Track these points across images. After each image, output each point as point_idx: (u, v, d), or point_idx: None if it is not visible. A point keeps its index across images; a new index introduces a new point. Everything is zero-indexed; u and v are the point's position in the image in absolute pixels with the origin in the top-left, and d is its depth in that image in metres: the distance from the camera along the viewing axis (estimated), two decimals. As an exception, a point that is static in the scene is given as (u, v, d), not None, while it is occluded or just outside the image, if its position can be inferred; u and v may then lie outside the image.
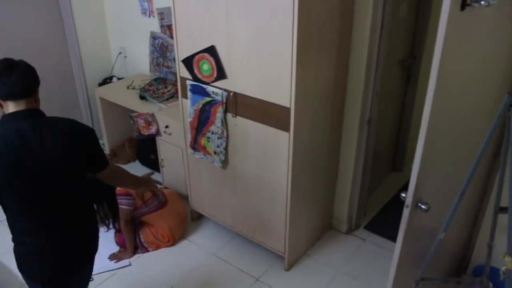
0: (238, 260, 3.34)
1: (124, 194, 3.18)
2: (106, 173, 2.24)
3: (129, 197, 3.19)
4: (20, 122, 1.97)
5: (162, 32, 4.13)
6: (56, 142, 1.98)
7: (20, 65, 2.04)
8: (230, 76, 2.79)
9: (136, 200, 3.22)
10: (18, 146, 1.93)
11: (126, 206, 3.20)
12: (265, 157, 2.86)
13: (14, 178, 1.96)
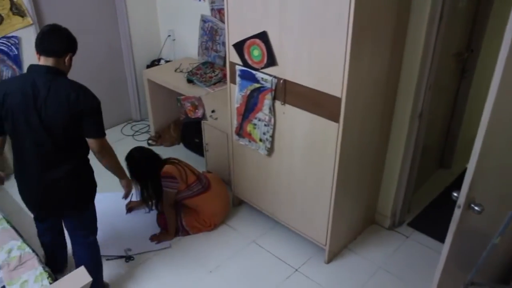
0: (277, 249, 3.32)
1: (169, 176, 3.20)
2: (96, 144, 2.50)
3: (174, 180, 3.20)
4: (39, 74, 2.36)
5: (212, 16, 4.11)
6: (57, 100, 2.32)
7: (61, 31, 2.46)
8: (281, 63, 2.75)
9: (180, 184, 3.24)
10: (29, 93, 2.32)
11: (170, 189, 3.22)
12: (312, 147, 2.81)
13: (20, 115, 2.35)
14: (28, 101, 2.32)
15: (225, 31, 3.94)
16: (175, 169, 3.23)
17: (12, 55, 3.99)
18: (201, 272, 3.15)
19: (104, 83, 4.76)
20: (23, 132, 2.39)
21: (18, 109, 2.34)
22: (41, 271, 2.43)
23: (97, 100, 2.49)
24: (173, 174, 3.21)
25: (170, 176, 3.20)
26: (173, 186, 3.21)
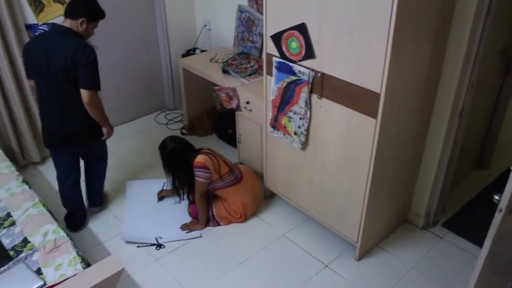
0: (308, 244, 3.29)
1: (202, 167, 3.20)
2: (86, 95, 2.87)
3: (207, 170, 3.20)
4: (54, 31, 2.95)
5: (249, 6, 4.08)
6: (60, 54, 2.81)
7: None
8: (319, 56, 2.70)
9: (212, 174, 3.24)
10: (44, 46, 2.87)
11: (203, 179, 3.22)
12: (348, 143, 2.76)
13: (36, 64, 2.92)
14: (42, 53, 2.85)
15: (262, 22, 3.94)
16: (209, 159, 3.23)
17: (51, 41, 4.05)
18: (231, 263, 3.15)
19: (139, 71, 4.80)
20: (39, 78, 2.97)
21: (35, 59, 2.90)
22: (75, 255, 2.47)
23: (93, 56, 2.87)
24: (206, 164, 3.20)
25: (203, 166, 3.20)
26: (205, 176, 3.21)
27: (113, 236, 3.41)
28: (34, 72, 2.99)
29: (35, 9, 3.86)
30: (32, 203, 2.89)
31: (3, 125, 4.00)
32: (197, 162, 3.20)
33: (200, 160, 3.21)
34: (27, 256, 2.48)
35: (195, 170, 3.21)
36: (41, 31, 3.94)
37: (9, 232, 2.67)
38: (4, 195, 3.00)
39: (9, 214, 2.82)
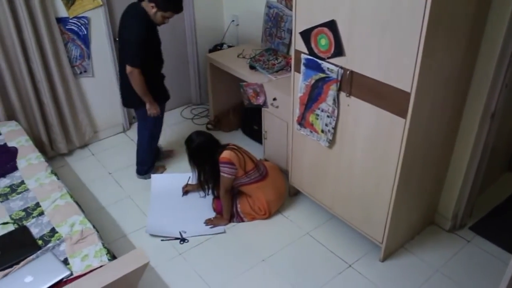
0: (332, 243, 3.26)
1: (228, 162, 3.20)
2: (127, 69, 3.30)
3: (232, 166, 3.20)
4: (133, 6, 3.36)
5: (278, 2, 4.06)
6: (125, 27, 3.32)
7: None
8: (348, 54, 2.67)
9: (238, 170, 3.23)
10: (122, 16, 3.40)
11: (228, 175, 3.22)
12: (376, 142, 2.72)
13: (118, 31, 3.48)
14: (120, 23, 3.40)
15: (291, 18, 3.91)
16: (234, 155, 3.23)
17: (81, 35, 4.10)
18: (254, 259, 3.14)
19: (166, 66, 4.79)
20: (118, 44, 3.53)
21: (119, 27, 3.43)
22: (101, 247, 2.50)
23: (135, 36, 3.24)
24: (232, 160, 3.20)
25: (229, 162, 3.20)
26: (231, 172, 3.21)
27: (137, 229, 3.44)
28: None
29: (66, 2, 3.92)
30: (60, 194, 2.94)
31: (33, 116, 4.07)
32: (222, 158, 3.21)
33: (226, 155, 3.21)
34: (54, 246, 2.52)
35: (220, 166, 3.21)
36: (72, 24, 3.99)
37: (37, 222, 2.72)
38: (34, 185, 3.05)
39: (38, 204, 2.87)
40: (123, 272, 1.90)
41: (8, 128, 3.73)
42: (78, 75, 4.23)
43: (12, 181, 3.11)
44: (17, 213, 2.81)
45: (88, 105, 4.44)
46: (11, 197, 2.96)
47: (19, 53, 3.74)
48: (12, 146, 3.47)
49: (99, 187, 3.94)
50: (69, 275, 2.32)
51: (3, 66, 3.72)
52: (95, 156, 4.41)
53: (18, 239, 2.60)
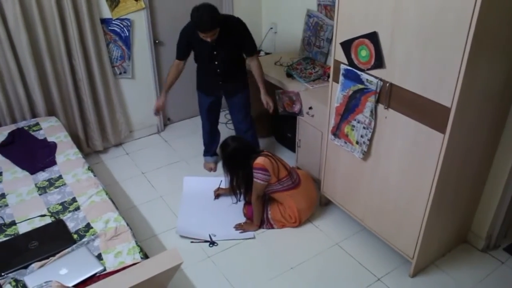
0: (361, 255, 3.23)
1: (262, 169, 3.21)
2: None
3: (266, 173, 3.22)
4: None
5: (318, 11, 4.07)
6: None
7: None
8: (389, 66, 2.65)
9: (271, 177, 3.24)
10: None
11: (261, 181, 3.23)
12: (412, 156, 2.69)
13: None
14: None
15: (330, 28, 3.92)
16: (269, 162, 3.24)
17: (123, 36, 4.19)
18: (282, 267, 3.14)
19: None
20: None
21: None
22: (134, 245, 2.54)
23: (180, 33, 3.69)
24: (266, 166, 3.22)
25: (263, 168, 3.21)
26: (264, 178, 3.23)
27: (168, 229, 3.48)
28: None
29: (110, 4, 4.01)
30: (96, 191, 3.00)
31: (72, 113, 4.18)
32: (256, 164, 3.22)
33: (260, 162, 3.22)
34: (89, 241, 2.57)
35: (254, 172, 3.23)
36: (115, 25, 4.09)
37: (73, 216, 2.79)
38: (71, 180, 3.13)
39: (75, 199, 2.94)
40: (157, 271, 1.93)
41: (49, 124, 3.84)
42: (118, 76, 4.33)
43: (51, 175, 3.20)
44: (55, 207, 2.88)
45: (126, 105, 4.53)
46: (49, 190, 3.04)
47: (63, 51, 3.85)
48: (52, 141, 3.57)
49: (131, 186, 4.01)
50: (102, 271, 2.37)
51: (47, 63, 3.84)
52: (129, 155, 4.49)
53: (55, 232, 2.66)
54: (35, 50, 3.78)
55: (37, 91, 3.88)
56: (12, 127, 3.78)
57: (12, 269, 2.38)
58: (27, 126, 3.79)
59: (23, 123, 3.84)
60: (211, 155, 4.27)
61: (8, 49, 3.62)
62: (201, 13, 3.28)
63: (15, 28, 3.60)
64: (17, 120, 3.94)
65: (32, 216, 2.79)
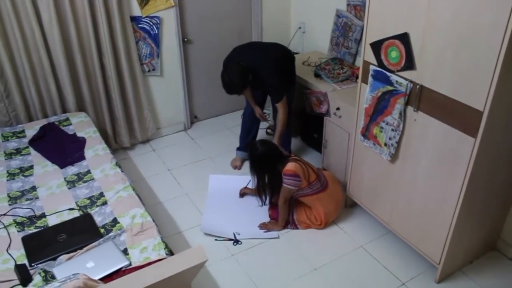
0: (386, 259, 3.20)
1: (293, 175, 3.18)
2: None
3: (297, 178, 3.19)
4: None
5: (347, 11, 4.04)
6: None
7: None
8: (419, 68, 2.61)
9: (302, 181, 3.23)
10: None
11: (292, 187, 3.22)
12: (441, 160, 2.65)
13: None
14: None
15: (359, 28, 3.89)
16: (299, 167, 3.21)
17: (152, 34, 4.23)
18: (306, 268, 3.13)
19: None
20: None
21: None
22: (159, 241, 2.56)
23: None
24: (297, 172, 3.19)
25: (294, 174, 3.19)
26: (295, 184, 3.21)
27: (192, 226, 3.51)
28: None
29: (140, 2, 4.06)
30: (123, 186, 3.04)
31: (100, 109, 4.24)
32: (287, 170, 3.20)
33: (291, 168, 3.19)
34: (115, 236, 2.61)
35: (285, 178, 3.21)
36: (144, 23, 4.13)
37: (101, 211, 2.83)
38: (99, 175, 3.17)
39: (102, 194, 2.98)
40: (182, 267, 1.94)
41: (78, 119, 3.90)
42: (146, 73, 4.37)
43: (80, 169, 3.25)
44: (83, 201, 2.93)
45: (153, 102, 4.57)
46: (78, 184, 3.09)
47: (94, 49, 3.91)
48: (81, 137, 3.63)
49: (157, 183, 4.05)
50: (128, 265, 2.40)
51: (78, 60, 3.90)
52: (155, 152, 4.53)
53: (82, 225, 2.71)
54: (67, 48, 3.85)
55: (68, 87, 3.96)
56: (44, 121, 3.86)
57: (41, 260, 2.44)
58: (57, 121, 3.86)
59: (54, 118, 3.91)
60: (242, 150, 4.28)
61: (41, 46, 3.70)
62: (228, 77, 3.55)
63: (49, 26, 3.68)
64: (48, 115, 4.02)
65: (61, 209, 2.84)
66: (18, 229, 2.68)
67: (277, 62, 3.66)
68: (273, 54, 3.70)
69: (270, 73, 3.60)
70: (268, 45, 3.89)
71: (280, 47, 3.88)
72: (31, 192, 3.01)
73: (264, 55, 3.67)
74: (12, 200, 2.92)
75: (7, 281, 2.31)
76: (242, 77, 3.53)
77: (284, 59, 3.76)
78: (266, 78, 3.61)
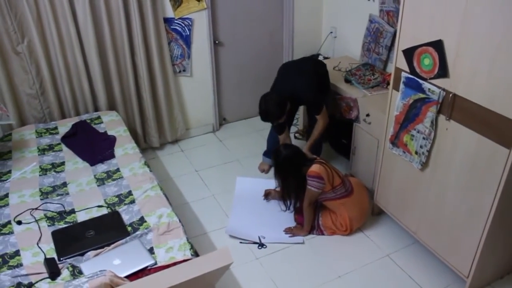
0: (412, 269, 3.14)
1: (317, 176, 3.17)
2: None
3: (321, 180, 3.18)
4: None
5: (380, 17, 3.99)
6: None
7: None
8: (453, 76, 2.57)
9: (326, 184, 3.21)
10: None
11: (315, 189, 3.20)
12: (473, 170, 2.59)
13: None
14: None
15: (390, 35, 3.85)
16: (324, 170, 3.20)
17: (184, 35, 4.28)
18: (330, 274, 3.11)
19: (261, 71, 4.90)
20: None
21: None
22: (185, 241, 2.58)
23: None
24: (321, 174, 3.18)
25: (318, 176, 3.18)
26: (318, 186, 3.19)
27: (218, 228, 3.52)
28: None
29: (173, 4, 4.11)
30: (151, 185, 3.07)
31: (131, 108, 4.30)
32: (311, 172, 3.19)
33: (315, 169, 3.18)
34: (142, 234, 2.64)
35: (308, 179, 3.20)
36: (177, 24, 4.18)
37: (128, 209, 2.86)
38: (128, 174, 3.22)
39: (130, 192, 3.02)
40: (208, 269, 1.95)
41: (109, 118, 3.96)
42: (177, 74, 4.42)
43: (109, 167, 3.30)
44: (111, 199, 2.97)
45: (183, 102, 4.62)
46: (107, 182, 3.14)
47: (126, 49, 3.97)
48: (111, 135, 3.68)
49: (185, 183, 4.08)
50: (153, 264, 2.42)
51: (111, 60, 3.97)
52: (184, 153, 4.57)
53: (110, 223, 2.75)
54: (101, 47, 3.92)
55: (100, 86, 4.03)
56: (76, 119, 3.94)
57: (70, 255, 2.49)
58: (89, 119, 3.93)
59: (86, 116, 3.99)
60: (269, 156, 4.28)
61: (76, 45, 3.78)
62: (265, 106, 3.56)
63: (84, 25, 3.76)
64: (80, 113, 4.10)
65: (90, 206, 2.89)
66: (49, 224, 2.74)
67: (313, 79, 3.66)
68: (307, 73, 3.68)
69: (307, 94, 3.61)
70: (299, 64, 3.88)
71: (311, 61, 3.92)
72: (62, 188, 3.07)
73: (299, 78, 3.66)
74: (43, 195, 2.99)
75: (37, 274, 2.37)
76: (279, 108, 3.54)
77: (317, 73, 3.76)
78: (304, 98, 3.67)
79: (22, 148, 3.50)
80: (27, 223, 2.73)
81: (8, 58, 3.68)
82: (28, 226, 2.71)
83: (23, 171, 3.23)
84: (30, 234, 2.65)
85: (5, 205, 2.89)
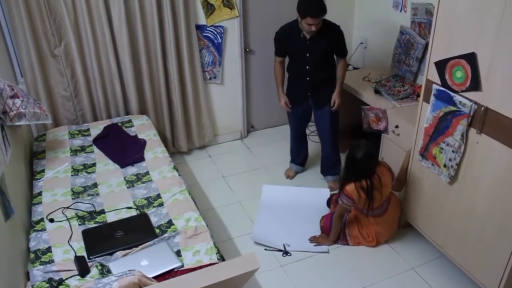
0: (437, 283, 3.11)
1: (348, 196, 3.14)
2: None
3: (351, 201, 3.15)
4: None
5: (411, 28, 3.98)
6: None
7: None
8: (485, 89, 2.54)
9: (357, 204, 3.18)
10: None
11: (346, 206, 3.20)
12: (503, 185, 2.56)
13: None
14: None
15: (421, 46, 3.83)
16: (356, 194, 3.11)
17: (216, 42, 4.34)
18: (354, 285, 3.09)
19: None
20: None
21: None
22: (212, 245, 2.61)
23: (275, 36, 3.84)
24: (353, 197, 3.12)
25: (349, 196, 3.13)
26: (348, 204, 3.18)
27: (243, 234, 3.55)
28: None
29: (206, 11, 4.18)
30: (179, 189, 3.12)
31: (161, 113, 4.37)
32: (346, 190, 3.15)
33: (349, 190, 3.13)
34: (170, 237, 2.68)
35: (341, 195, 3.19)
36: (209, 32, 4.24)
37: (157, 212, 2.92)
38: (157, 177, 3.27)
39: (159, 196, 3.07)
40: (235, 273, 1.97)
41: (140, 122, 4.04)
42: (207, 80, 4.48)
43: (139, 170, 3.37)
44: (140, 201, 3.03)
45: (212, 109, 4.68)
46: (136, 184, 3.20)
47: (159, 54, 4.06)
48: (142, 138, 3.76)
49: (211, 188, 4.12)
50: (180, 267, 2.46)
51: (144, 64, 4.06)
52: (211, 158, 4.62)
53: (139, 224, 2.80)
54: (134, 51, 4.01)
55: (132, 90, 4.12)
56: (107, 122, 4.03)
57: (99, 254, 2.55)
58: (120, 122, 4.02)
59: (117, 119, 4.08)
60: (296, 164, 4.31)
61: (110, 49, 3.88)
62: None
63: (119, 30, 3.85)
64: (112, 116, 4.19)
65: (120, 207, 2.96)
66: (79, 223, 2.81)
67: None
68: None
69: (340, 31, 3.79)
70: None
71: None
72: (92, 189, 3.15)
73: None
74: (75, 195, 3.07)
75: (67, 271, 2.44)
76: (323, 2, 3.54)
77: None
78: (338, 32, 3.77)
79: (56, 148, 3.60)
80: (59, 221, 2.81)
81: (45, 61, 3.80)
82: (60, 224, 2.79)
83: (56, 170, 3.32)
84: (61, 232, 2.72)
85: (39, 202, 2.98)
